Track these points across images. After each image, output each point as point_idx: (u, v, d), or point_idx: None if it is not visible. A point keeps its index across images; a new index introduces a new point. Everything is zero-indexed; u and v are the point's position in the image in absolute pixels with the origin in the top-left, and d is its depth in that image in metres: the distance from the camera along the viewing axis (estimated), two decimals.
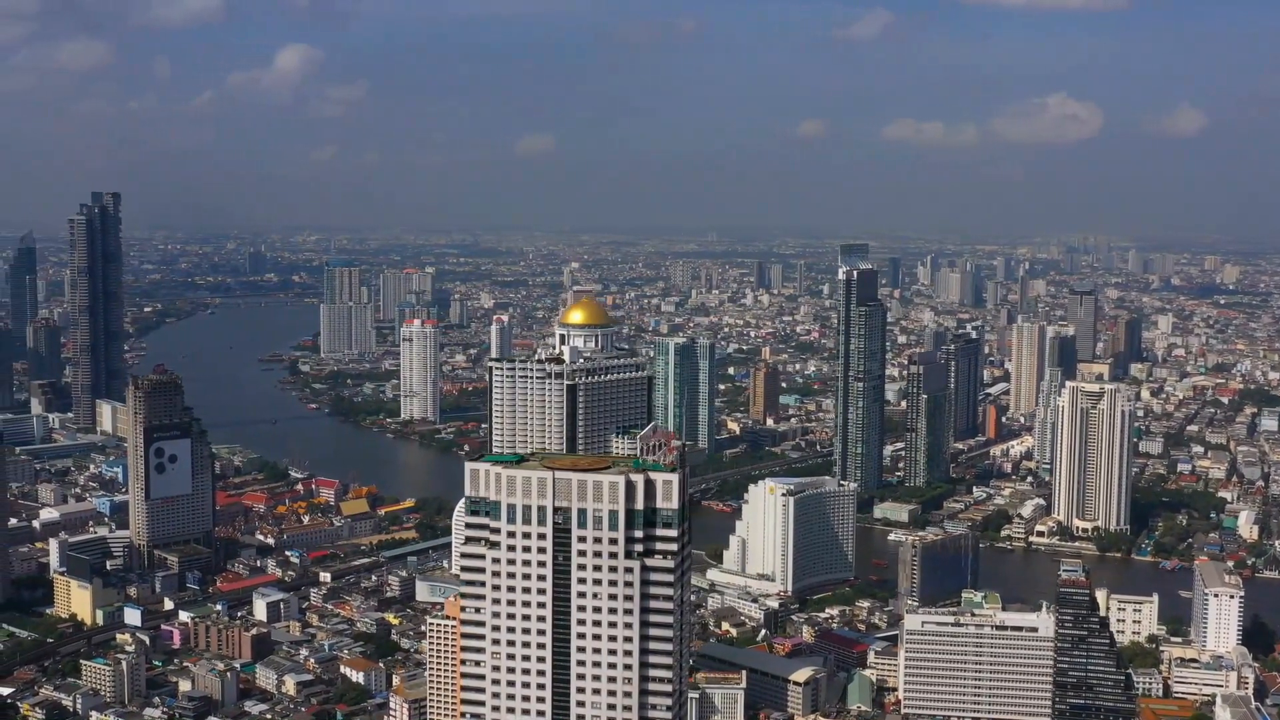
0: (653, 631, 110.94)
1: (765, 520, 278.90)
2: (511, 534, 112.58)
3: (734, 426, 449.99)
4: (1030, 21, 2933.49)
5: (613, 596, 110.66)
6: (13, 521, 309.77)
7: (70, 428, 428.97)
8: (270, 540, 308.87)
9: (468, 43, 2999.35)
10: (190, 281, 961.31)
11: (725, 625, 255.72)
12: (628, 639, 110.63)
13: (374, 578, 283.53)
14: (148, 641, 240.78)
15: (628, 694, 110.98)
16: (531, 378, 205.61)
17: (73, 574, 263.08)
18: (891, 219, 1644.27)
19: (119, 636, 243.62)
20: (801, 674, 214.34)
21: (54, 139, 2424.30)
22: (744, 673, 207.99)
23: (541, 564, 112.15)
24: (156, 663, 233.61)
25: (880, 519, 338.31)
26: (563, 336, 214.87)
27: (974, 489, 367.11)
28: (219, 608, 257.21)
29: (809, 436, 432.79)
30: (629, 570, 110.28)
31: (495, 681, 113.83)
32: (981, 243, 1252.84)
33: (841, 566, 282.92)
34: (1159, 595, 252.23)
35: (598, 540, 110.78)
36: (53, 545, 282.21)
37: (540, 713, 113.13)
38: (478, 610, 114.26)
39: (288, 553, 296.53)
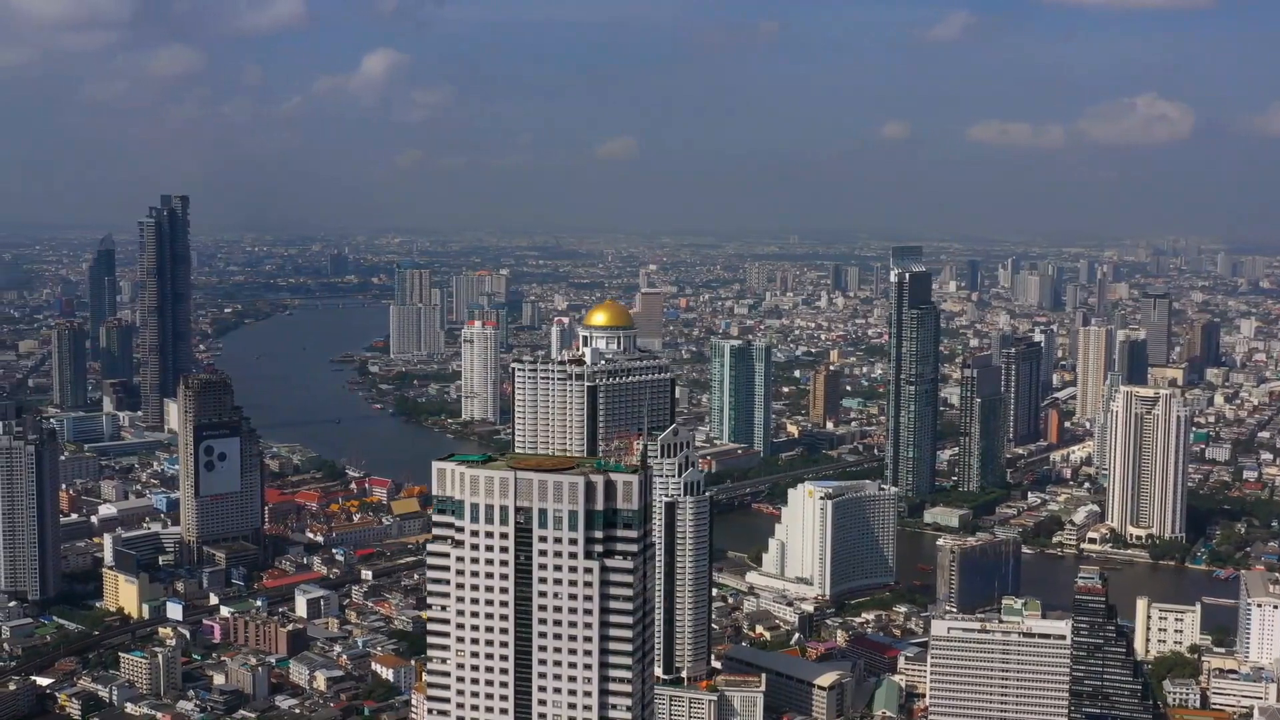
0: (613, 631, 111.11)
1: (804, 523, 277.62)
2: (475, 533, 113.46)
3: (793, 429, 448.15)
4: (1114, 21, 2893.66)
5: (573, 596, 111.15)
6: (73, 517, 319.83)
7: (139, 426, 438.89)
8: (319, 538, 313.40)
9: (550, 46, 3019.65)
10: (272, 283, 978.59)
11: (759, 628, 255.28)
12: (587, 639, 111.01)
13: (416, 576, 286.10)
14: (188, 635, 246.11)
15: (588, 693, 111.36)
16: (553, 379, 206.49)
17: (121, 569, 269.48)
18: (976, 221, 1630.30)
19: (161, 630, 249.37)
20: (826, 678, 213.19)
21: (147, 143, 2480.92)
22: (763, 676, 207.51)
23: (504, 563, 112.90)
24: (196, 656, 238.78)
25: (930, 524, 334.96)
26: (585, 338, 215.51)
27: (1030, 494, 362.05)
28: (259, 603, 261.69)
29: (867, 440, 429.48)
30: (588, 570, 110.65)
31: (460, 679, 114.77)
32: (1068, 245, 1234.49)
33: (882, 571, 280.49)
34: (1210, 605, 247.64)
35: (558, 540, 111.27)
36: (106, 540, 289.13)
37: (503, 710, 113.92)
38: (443, 608, 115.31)
39: (334, 550, 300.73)
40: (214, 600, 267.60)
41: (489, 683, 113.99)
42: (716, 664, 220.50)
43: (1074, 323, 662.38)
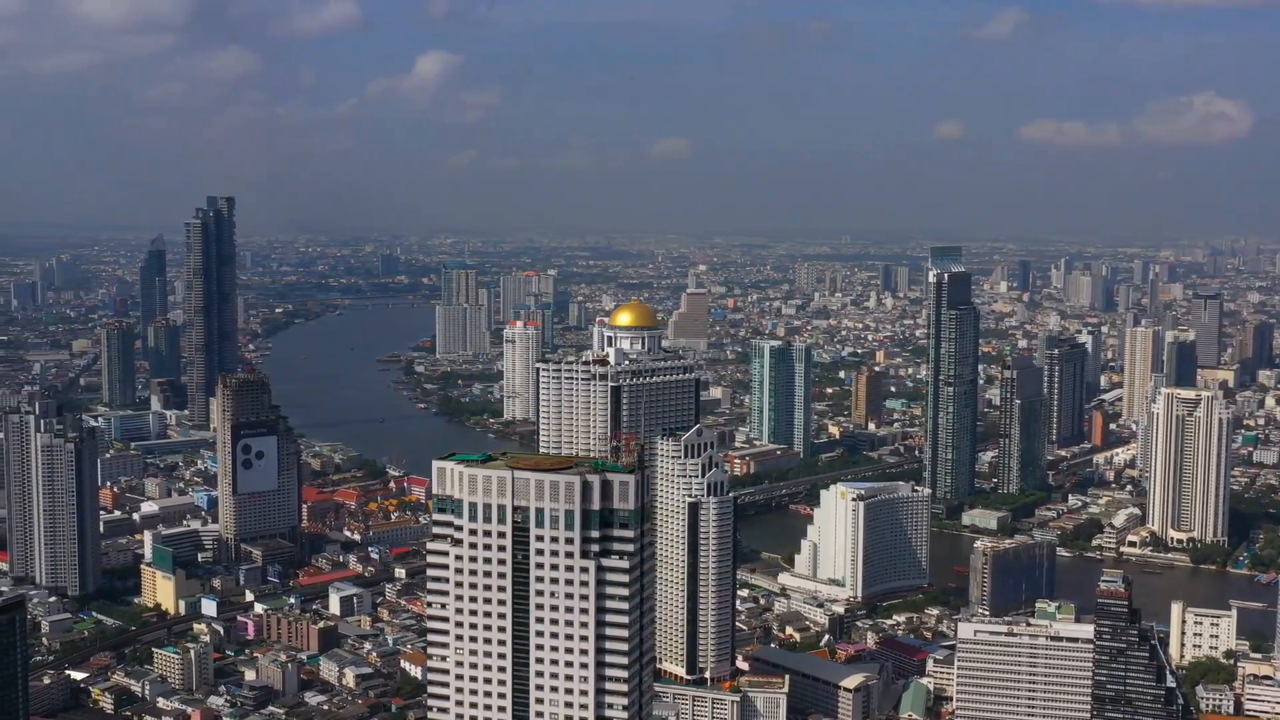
0: (609, 631, 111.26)
1: (836, 525, 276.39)
2: (473, 532, 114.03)
3: (835, 430, 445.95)
4: (1170, 19, 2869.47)
5: (569, 596, 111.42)
6: (116, 514, 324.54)
7: (185, 424, 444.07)
8: (356, 536, 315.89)
9: (602, 47, 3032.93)
10: (323, 283, 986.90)
11: (789, 629, 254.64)
12: (584, 638, 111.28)
13: None
14: (222, 632, 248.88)
15: (584, 692, 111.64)
16: (577, 379, 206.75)
17: (159, 565, 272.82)
18: (1031, 221, 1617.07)
19: (196, 626, 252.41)
20: (852, 680, 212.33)
21: (204, 145, 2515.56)
22: (787, 677, 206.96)
23: (501, 562, 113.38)
24: (229, 652, 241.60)
25: (969, 525, 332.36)
26: (609, 339, 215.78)
27: (1071, 497, 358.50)
28: (292, 600, 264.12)
29: (908, 441, 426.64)
30: (584, 570, 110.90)
31: (459, 677, 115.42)
32: (1124, 245, 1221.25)
33: (915, 573, 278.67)
34: (1244, 609, 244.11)
35: (554, 540, 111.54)
36: (147, 537, 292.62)
37: (501, 709, 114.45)
38: (442, 606, 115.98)
39: (370, 549, 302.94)
40: (249, 597, 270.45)
41: (487, 681, 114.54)
42: (744, 665, 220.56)
43: (1126, 324, 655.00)
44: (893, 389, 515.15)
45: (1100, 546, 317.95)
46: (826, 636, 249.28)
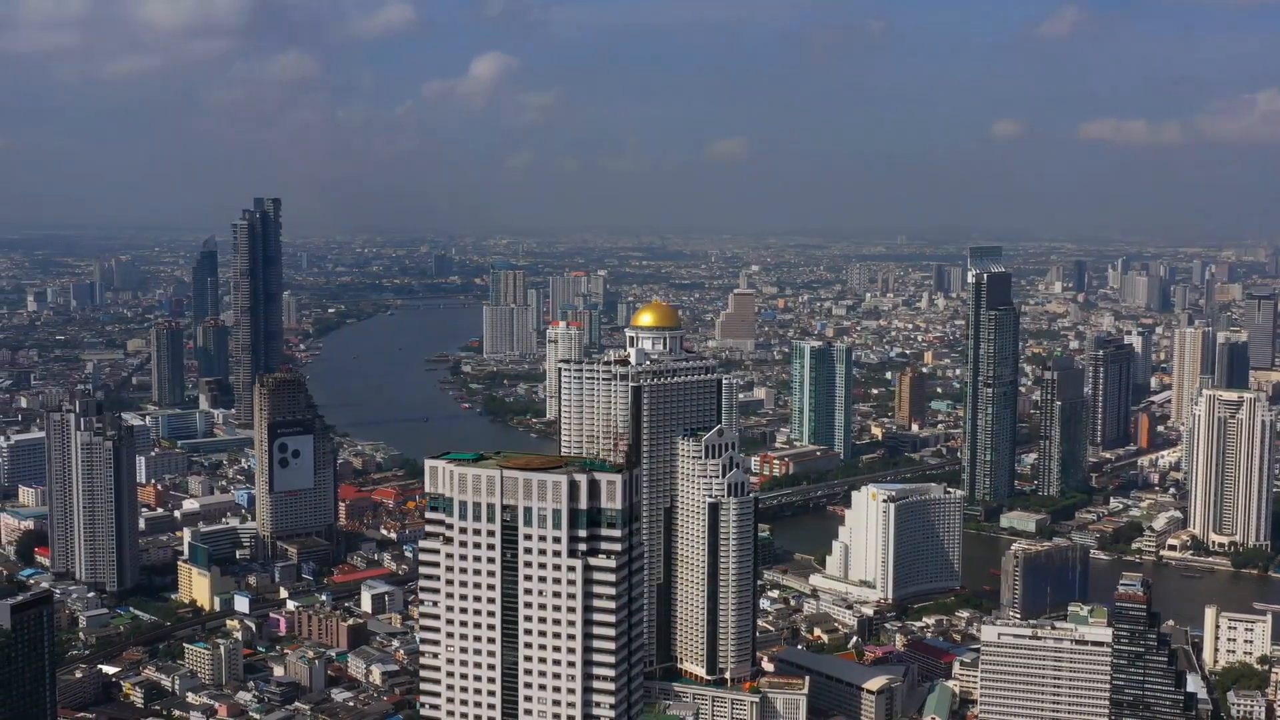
0: (596, 630, 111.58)
1: (867, 526, 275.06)
2: (464, 530, 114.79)
3: (877, 431, 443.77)
4: (1230, 16, 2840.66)
5: (556, 594, 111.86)
6: (158, 511, 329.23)
7: (231, 423, 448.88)
8: (393, 535, 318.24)
9: (658, 48, 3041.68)
10: (377, 283, 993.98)
11: (817, 631, 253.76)
12: (571, 636, 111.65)
13: None
14: (254, 628, 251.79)
15: (571, 690, 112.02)
16: (598, 379, 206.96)
17: (195, 562, 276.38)
18: (1090, 220, 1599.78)
19: (228, 623, 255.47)
20: (875, 682, 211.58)
21: (263, 147, 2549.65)
22: (807, 678, 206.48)
23: (491, 560, 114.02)
24: (260, 649, 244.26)
25: (1007, 528, 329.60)
26: (631, 339, 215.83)
27: (1113, 499, 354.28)
28: (323, 598, 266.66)
29: (951, 443, 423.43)
30: (571, 569, 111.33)
31: (450, 674, 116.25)
32: (1185, 245, 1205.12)
33: (947, 575, 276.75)
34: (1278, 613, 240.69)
35: (542, 539, 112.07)
36: (186, 534, 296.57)
37: (491, 705, 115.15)
38: (434, 604, 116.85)
39: (405, 547, 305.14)
40: (283, 594, 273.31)
41: (477, 678, 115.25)
42: (769, 665, 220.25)
43: (1181, 325, 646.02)
44: (939, 390, 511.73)
45: (1140, 550, 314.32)
46: (855, 638, 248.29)
